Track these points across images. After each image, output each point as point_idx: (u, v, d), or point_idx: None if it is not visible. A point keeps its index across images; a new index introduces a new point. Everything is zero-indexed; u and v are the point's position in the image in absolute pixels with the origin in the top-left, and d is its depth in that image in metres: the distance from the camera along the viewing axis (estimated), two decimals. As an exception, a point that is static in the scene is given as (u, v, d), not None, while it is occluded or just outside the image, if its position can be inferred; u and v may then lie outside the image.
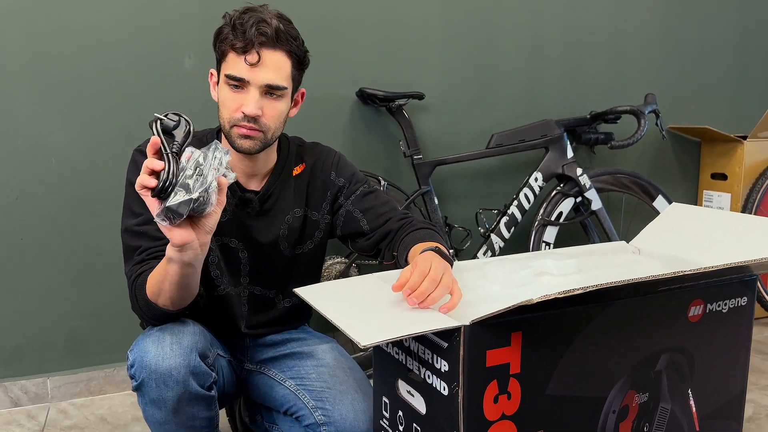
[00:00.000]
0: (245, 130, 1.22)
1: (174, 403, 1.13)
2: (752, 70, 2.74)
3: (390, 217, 1.37)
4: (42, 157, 1.86)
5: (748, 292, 1.23)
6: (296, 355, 1.38)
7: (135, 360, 1.14)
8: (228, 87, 1.22)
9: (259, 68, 1.20)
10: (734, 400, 1.27)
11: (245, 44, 1.18)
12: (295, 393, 1.32)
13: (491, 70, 2.30)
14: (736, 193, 2.50)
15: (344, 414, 1.25)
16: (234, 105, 1.22)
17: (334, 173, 1.40)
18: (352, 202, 1.38)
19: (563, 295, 0.83)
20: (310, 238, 1.39)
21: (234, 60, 1.20)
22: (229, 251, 1.33)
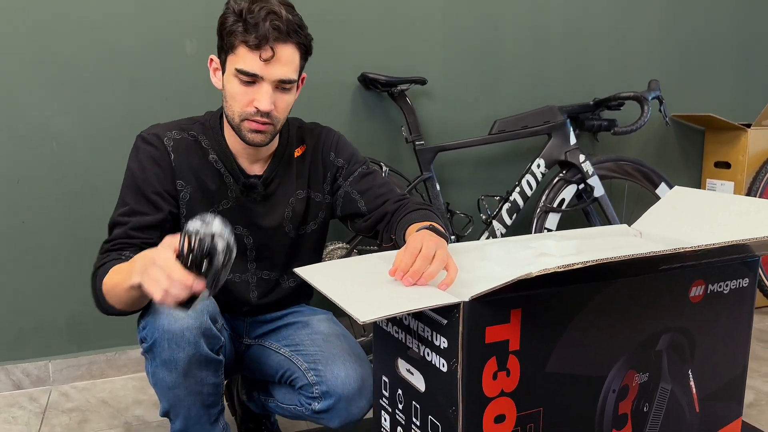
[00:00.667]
0: (257, 125, 1.22)
1: (185, 364, 1.14)
2: (757, 58, 2.72)
3: (387, 198, 1.37)
4: (43, 140, 1.86)
5: (749, 273, 1.23)
6: (292, 326, 1.41)
7: (147, 322, 1.15)
8: (238, 80, 1.20)
9: (273, 64, 1.18)
10: (735, 382, 1.27)
11: (259, 40, 1.16)
12: (290, 358, 1.34)
13: (494, 56, 2.29)
14: (740, 182, 2.48)
15: (336, 373, 1.27)
16: (245, 99, 1.21)
17: (334, 154, 1.40)
18: (350, 183, 1.38)
19: (563, 269, 0.83)
20: (313, 219, 1.40)
21: (246, 55, 1.18)
22: (235, 238, 1.32)
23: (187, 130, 1.30)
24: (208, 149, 1.30)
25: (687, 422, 1.22)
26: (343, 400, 1.26)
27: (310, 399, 1.29)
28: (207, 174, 1.30)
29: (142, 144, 1.28)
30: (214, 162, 1.30)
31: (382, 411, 1.20)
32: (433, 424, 1.03)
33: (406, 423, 1.11)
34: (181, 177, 1.28)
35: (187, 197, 1.28)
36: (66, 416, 1.76)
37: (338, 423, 1.28)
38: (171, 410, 1.22)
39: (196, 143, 1.30)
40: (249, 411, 1.54)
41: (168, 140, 1.28)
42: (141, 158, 1.27)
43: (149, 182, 1.25)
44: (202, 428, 1.25)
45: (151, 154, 1.26)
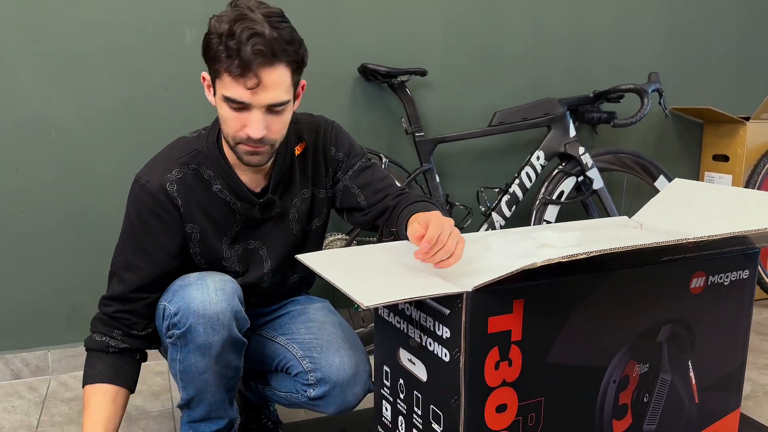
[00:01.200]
0: (252, 148, 1.17)
1: (219, 348, 1.17)
2: (756, 51, 2.72)
3: (387, 193, 1.35)
4: (42, 129, 1.85)
5: (749, 265, 1.23)
6: (288, 315, 1.41)
7: (180, 307, 1.15)
8: (227, 106, 1.13)
9: (260, 91, 1.10)
10: (734, 373, 1.28)
11: (242, 69, 1.07)
12: (285, 346, 1.35)
13: (495, 48, 2.29)
14: (738, 175, 2.49)
15: (330, 360, 1.27)
16: (237, 124, 1.15)
17: (334, 148, 1.37)
18: (349, 177, 1.37)
19: (567, 259, 0.83)
20: (318, 216, 1.39)
21: (230, 83, 1.10)
22: (251, 252, 1.33)
23: (188, 164, 1.24)
24: (210, 180, 1.25)
25: (686, 413, 1.22)
26: (338, 387, 1.26)
27: (306, 386, 1.30)
28: (214, 207, 1.26)
29: (142, 194, 1.22)
30: (218, 192, 1.26)
31: (384, 401, 1.20)
32: (434, 413, 1.03)
33: (407, 412, 1.11)
34: (190, 220, 1.24)
35: (198, 236, 1.26)
36: (66, 405, 1.76)
37: (334, 410, 1.29)
38: (196, 397, 1.24)
39: (197, 177, 1.24)
40: (248, 400, 1.55)
41: (171, 185, 1.22)
42: (141, 211, 1.22)
43: (151, 237, 1.23)
44: (223, 411, 1.28)
45: (153, 208, 1.22)
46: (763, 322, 2.39)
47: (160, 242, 1.24)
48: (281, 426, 1.55)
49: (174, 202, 1.22)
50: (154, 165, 1.25)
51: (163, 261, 1.24)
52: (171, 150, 1.27)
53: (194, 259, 1.29)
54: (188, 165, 1.24)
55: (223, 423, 1.29)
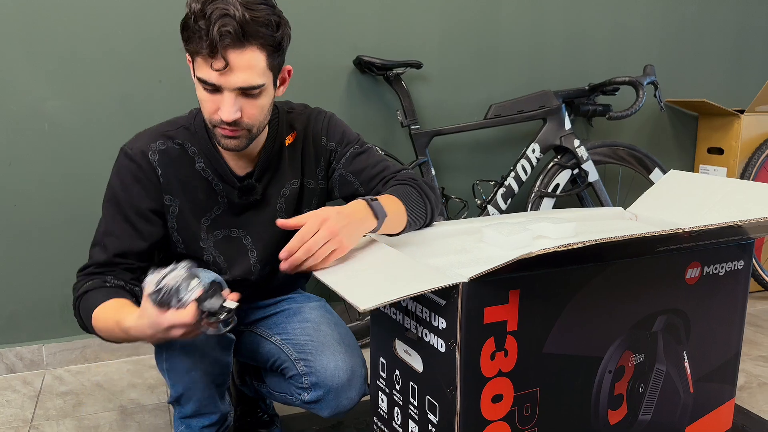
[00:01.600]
0: (227, 131, 1.15)
1: (204, 347, 1.16)
2: (751, 44, 2.72)
3: (382, 177, 1.33)
4: (35, 123, 1.84)
5: (744, 255, 1.24)
6: (284, 313, 1.40)
7: None
8: (201, 87, 1.12)
9: (229, 73, 1.08)
10: (728, 363, 1.28)
11: (210, 49, 1.06)
12: (280, 347, 1.33)
13: (490, 40, 2.29)
14: (732, 167, 2.50)
15: (325, 364, 1.26)
16: (211, 107, 1.13)
17: (325, 138, 1.34)
18: (343, 165, 1.34)
19: (562, 248, 0.83)
20: (307, 207, 1.36)
21: (202, 64, 1.09)
22: (232, 240, 1.30)
23: (173, 138, 1.24)
24: (194, 157, 1.24)
25: (681, 403, 1.23)
26: (332, 392, 1.25)
27: (300, 389, 1.29)
28: (195, 184, 1.25)
29: (126, 161, 1.22)
30: (201, 171, 1.25)
31: (380, 392, 1.20)
32: (430, 404, 1.03)
33: (403, 403, 1.11)
34: (168, 191, 1.23)
35: (177, 210, 1.25)
36: (60, 399, 1.76)
37: (328, 413, 1.28)
38: (185, 394, 1.23)
39: (182, 151, 1.24)
40: (243, 394, 1.54)
41: (153, 154, 1.22)
42: (123, 176, 1.22)
43: (132, 203, 1.22)
44: (214, 407, 1.27)
45: (135, 173, 1.21)
46: (757, 314, 2.40)
47: (142, 210, 1.22)
48: (277, 419, 1.55)
49: (155, 171, 1.22)
50: (140, 136, 1.25)
51: (146, 230, 1.23)
52: (159, 125, 1.28)
53: (171, 236, 1.27)
54: (173, 139, 1.24)
55: (215, 417, 1.29)
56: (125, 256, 1.21)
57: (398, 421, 1.15)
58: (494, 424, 1.00)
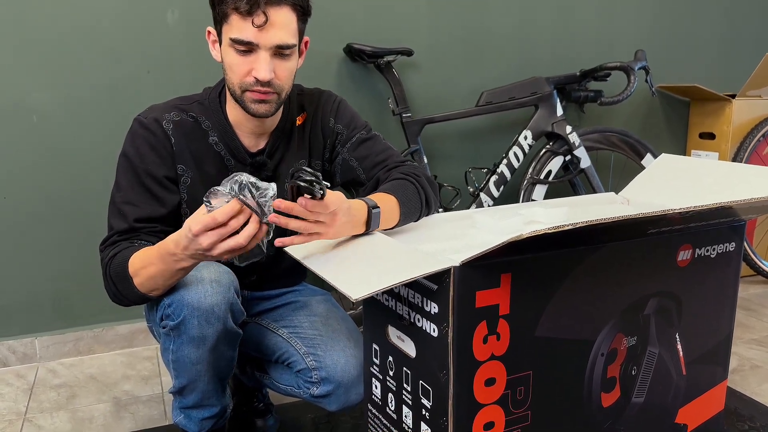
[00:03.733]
0: (259, 95, 1.16)
1: (214, 340, 1.15)
2: (742, 29, 2.72)
3: (384, 166, 1.32)
4: (23, 114, 1.82)
5: (735, 237, 1.24)
6: (290, 306, 1.39)
7: (174, 299, 1.13)
8: (234, 51, 1.14)
9: (268, 29, 1.11)
10: (720, 345, 1.29)
11: (250, 5, 1.09)
12: (288, 341, 1.33)
13: (481, 27, 2.27)
14: (724, 152, 2.50)
15: (335, 359, 1.25)
16: (243, 69, 1.15)
17: (333, 120, 1.35)
18: (348, 150, 1.34)
19: (553, 230, 0.83)
20: None
21: (239, 22, 1.11)
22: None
23: (187, 111, 1.25)
24: (208, 131, 1.26)
25: (674, 385, 1.23)
26: (342, 387, 1.25)
27: (309, 383, 1.29)
28: (207, 158, 1.25)
29: (140, 129, 1.22)
30: (214, 144, 1.26)
31: (373, 378, 1.20)
32: (424, 388, 1.03)
33: (397, 389, 1.11)
34: (181, 161, 1.24)
35: (188, 181, 1.25)
36: (54, 392, 1.75)
37: (336, 408, 1.28)
38: (188, 386, 1.22)
39: (196, 124, 1.25)
40: (240, 383, 1.54)
41: (167, 123, 1.23)
42: (138, 144, 1.22)
43: (149, 171, 1.21)
44: (216, 400, 1.27)
45: (149, 140, 1.22)
46: (750, 298, 2.41)
47: (158, 177, 1.22)
48: (273, 408, 1.54)
49: (168, 139, 1.23)
50: (154, 107, 1.26)
51: (163, 196, 1.22)
52: (173, 99, 1.29)
53: (181, 208, 1.26)
54: (187, 112, 1.25)
55: (215, 410, 1.28)
56: (147, 221, 1.20)
57: (392, 407, 1.15)
58: (487, 408, 1.00)
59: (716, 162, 1.38)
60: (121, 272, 1.12)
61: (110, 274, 1.14)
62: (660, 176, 1.44)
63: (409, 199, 1.22)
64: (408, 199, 1.21)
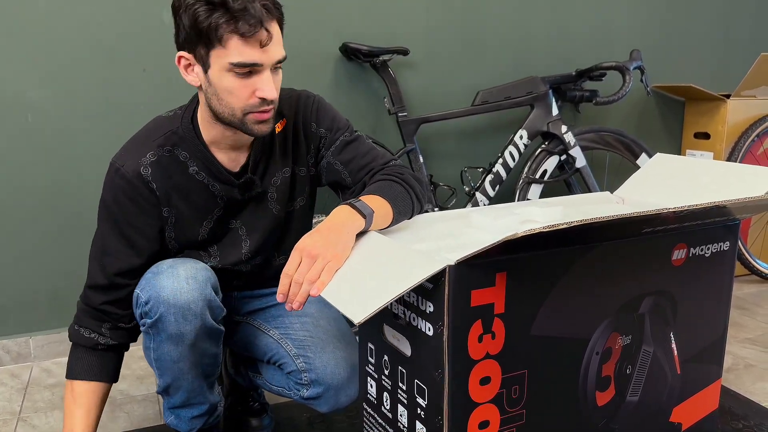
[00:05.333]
0: (263, 114, 1.13)
1: (192, 337, 1.15)
2: (737, 29, 2.73)
3: (370, 169, 1.29)
4: (18, 112, 1.81)
5: (730, 236, 1.24)
6: (281, 306, 1.37)
7: (150, 296, 1.13)
8: (234, 75, 1.09)
9: (271, 46, 1.09)
10: (715, 344, 1.29)
11: (252, 26, 1.05)
12: (279, 342, 1.32)
13: (477, 26, 2.28)
14: (719, 152, 2.51)
15: (325, 361, 1.25)
16: (246, 92, 1.11)
17: (315, 124, 1.31)
18: (332, 154, 1.30)
19: (548, 229, 0.83)
20: (300, 195, 1.34)
21: (240, 46, 1.06)
22: (231, 232, 1.29)
23: (162, 146, 1.20)
24: (186, 162, 1.21)
25: (669, 384, 1.24)
26: (332, 389, 1.25)
27: (299, 385, 1.29)
28: (192, 189, 1.22)
29: (118, 180, 1.19)
30: (195, 174, 1.22)
31: (369, 377, 1.20)
32: (419, 387, 1.03)
33: (392, 388, 1.11)
34: (166, 203, 1.21)
35: (174, 220, 1.23)
36: (48, 392, 1.75)
37: (327, 409, 1.28)
38: (172, 384, 1.22)
39: (172, 158, 1.21)
40: (236, 383, 1.54)
41: (145, 170, 1.19)
42: (117, 195, 1.20)
43: (128, 220, 1.20)
44: (203, 397, 1.27)
45: (128, 193, 1.19)
46: (744, 297, 2.42)
47: (138, 226, 1.21)
48: (268, 407, 1.54)
49: (149, 187, 1.20)
50: (129, 148, 1.22)
51: (142, 246, 1.22)
52: (146, 132, 1.24)
53: (168, 244, 1.26)
54: (163, 147, 1.20)
55: (204, 408, 1.28)
56: (125, 275, 1.22)
57: (387, 406, 1.15)
58: (482, 407, 1.00)
59: (711, 161, 1.39)
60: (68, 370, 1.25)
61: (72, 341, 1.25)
62: (655, 176, 1.44)
63: (396, 197, 1.20)
64: (395, 197, 1.19)
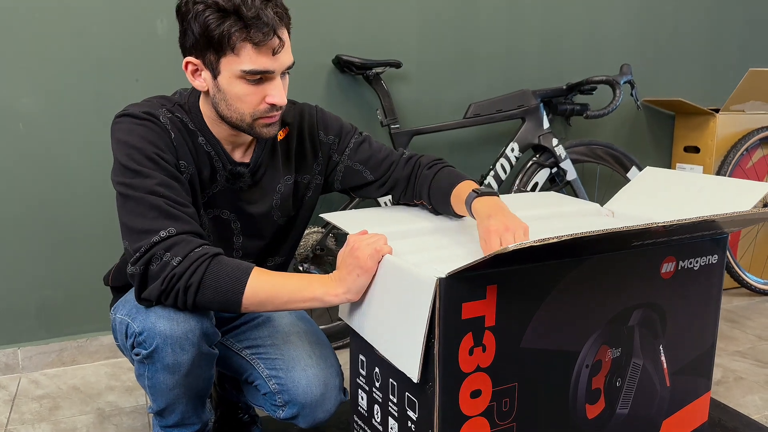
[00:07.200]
0: (271, 119, 1.15)
1: (188, 366, 1.12)
2: (726, 44, 2.77)
3: (392, 161, 1.36)
4: (10, 122, 1.81)
5: (718, 250, 1.25)
6: (252, 322, 1.35)
7: (144, 327, 1.09)
8: (245, 82, 1.10)
9: (282, 53, 1.10)
10: (704, 357, 1.30)
11: (264, 34, 1.06)
12: (251, 363, 1.30)
13: (469, 40, 2.30)
14: (708, 166, 2.53)
15: (296, 380, 1.23)
16: (256, 99, 1.12)
17: (323, 132, 1.34)
18: (348, 156, 1.35)
19: (539, 243, 0.84)
20: (302, 203, 1.36)
21: (252, 54, 1.08)
22: (221, 222, 1.27)
23: (173, 111, 1.18)
24: (196, 131, 1.20)
25: (658, 396, 1.24)
26: (307, 408, 1.23)
27: (275, 407, 1.27)
28: (200, 157, 1.20)
29: (135, 122, 1.12)
30: (204, 145, 1.21)
31: (360, 390, 1.20)
32: (409, 400, 1.03)
33: (383, 401, 1.11)
34: (182, 157, 1.17)
35: (188, 178, 1.18)
36: (36, 403, 1.73)
37: (306, 425, 1.26)
38: (167, 408, 1.20)
39: (183, 125, 1.19)
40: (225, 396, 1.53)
41: (163, 118, 1.15)
42: (141, 133, 1.11)
43: (161, 155, 1.11)
44: (196, 417, 1.25)
45: (151, 130, 1.12)
46: (734, 310, 2.43)
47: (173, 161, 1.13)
48: (258, 420, 1.54)
49: (168, 132, 1.15)
50: (138, 105, 1.17)
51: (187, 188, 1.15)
52: (151, 99, 1.21)
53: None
54: (173, 113, 1.18)
55: (196, 427, 1.26)
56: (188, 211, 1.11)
57: (378, 418, 1.14)
58: (473, 420, 1.00)
59: (699, 175, 1.40)
60: (235, 276, 1.05)
61: (206, 274, 1.04)
62: (644, 189, 1.46)
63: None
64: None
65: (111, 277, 1.34)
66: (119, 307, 1.20)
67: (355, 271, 1.06)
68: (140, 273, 1.05)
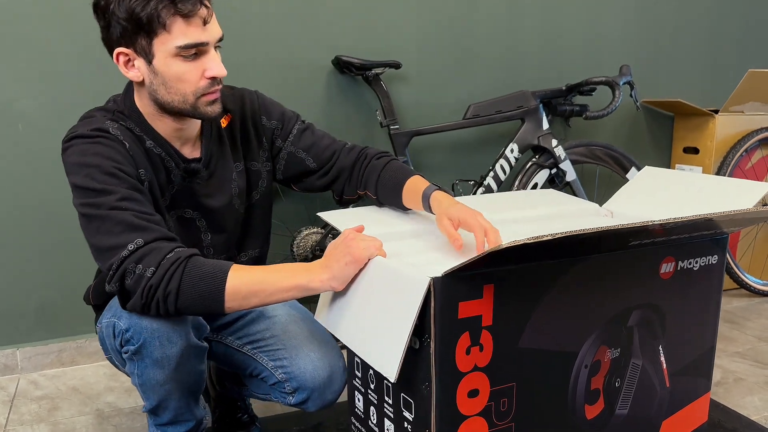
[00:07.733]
0: (213, 95, 1.14)
1: (177, 359, 1.12)
2: (725, 45, 2.76)
3: (335, 150, 1.34)
4: (8, 122, 1.81)
5: (718, 250, 1.25)
6: (246, 317, 1.35)
7: (131, 324, 1.08)
8: (181, 59, 1.09)
9: (212, 23, 1.10)
10: (704, 357, 1.29)
11: (193, 4, 1.06)
12: (254, 357, 1.31)
13: (469, 41, 2.29)
14: (708, 167, 2.53)
15: (303, 367, 1.24)
16: (196, 74, 1.11)
17: (265, 117, 1.32)
18: (291, 143, 1.33)
19: (533, 241, 0.83)
20: (256, 189, 1.34)
21: (183, 27, 1.06)
22: (186, 222, 1.26)
23: (117, 120, 1.15)
24: (142, 136, 1.17)
25: (658, 397, 1.24)
26: (316, 391, 1.25)
27: (285, 394, 1.28)
28: (153, 160, 1.18)
29: (87, 141, 1.10)
30: (153, 148, 1.18)
31: (356, 391, 1.20)
32: (405, 401, 1.03)
33: (378, 402, 1.11)
34: (140, 165, 1.15)
35: (148, 186, 1.16)
36: (35, 404, 1.73)
37: (315, 409, 1.28)
38: (160, 405, 1.20)
39: (129, 131, 1.16)
40: (223, 395, 1.53)
41: (113, 130, 1.13)
42: (96, 150, 1.09)
43: (122, 168, 1.09)
44: (190, 414, 1.25)
45: (105, 146, 1.10)
46: (734, 311, 2.43)
47: (129, 171, 1.10)
48: (257, 420, 1.53)
49: (122, 143, 1.12)
50: (81, 124, 1.14)
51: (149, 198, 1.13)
52: (91, 112, 1.18)
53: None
54: (118, 121, 1.15)
55: (191, 424, 1.26)
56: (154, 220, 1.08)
57: (374, 420, 1.14)
58: (471, 420, 1.00)
59: (698, 175, 1.40)
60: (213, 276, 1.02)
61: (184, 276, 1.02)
62: (643, 189, 1.45)
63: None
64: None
65: (91, 295, 1.33)
66: (104, 315, 1.19)
67: (345, 258, 1.04)
68: (118, 290, 1.04)
